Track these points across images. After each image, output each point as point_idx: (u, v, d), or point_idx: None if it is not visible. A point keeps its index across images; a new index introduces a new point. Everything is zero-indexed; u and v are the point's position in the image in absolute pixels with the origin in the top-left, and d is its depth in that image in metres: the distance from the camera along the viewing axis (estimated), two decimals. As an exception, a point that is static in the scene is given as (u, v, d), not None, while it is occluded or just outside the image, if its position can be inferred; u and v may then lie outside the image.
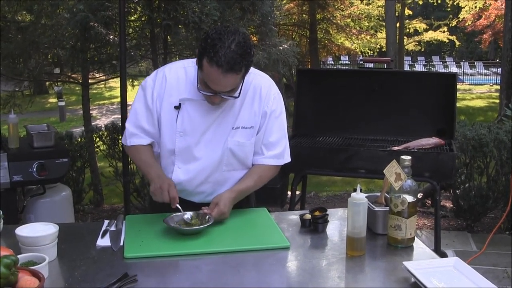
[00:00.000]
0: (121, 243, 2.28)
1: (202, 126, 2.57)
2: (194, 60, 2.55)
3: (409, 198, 2.22)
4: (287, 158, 2.75)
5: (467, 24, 28.20)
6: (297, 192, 4.62)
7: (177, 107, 2.57)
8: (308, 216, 2.48)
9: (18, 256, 1.82)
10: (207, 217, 2.42)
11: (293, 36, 20.16)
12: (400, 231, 2.23)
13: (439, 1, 29.35)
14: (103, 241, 2.31)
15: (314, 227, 2.45)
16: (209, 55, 2.29)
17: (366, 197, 2.20)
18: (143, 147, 2.66)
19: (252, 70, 2.64)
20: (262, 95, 2.64)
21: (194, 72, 2.56)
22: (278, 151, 2.70)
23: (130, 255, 2.14)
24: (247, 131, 2.62)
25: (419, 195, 5.64)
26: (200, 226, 2.36)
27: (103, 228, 2.44)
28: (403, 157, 2.26)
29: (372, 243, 2.30)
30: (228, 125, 2.59)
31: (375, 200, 2.49)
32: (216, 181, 2.66)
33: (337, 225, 2.56)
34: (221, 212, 2.46)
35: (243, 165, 2.69)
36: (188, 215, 2.47)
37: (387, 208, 2.31)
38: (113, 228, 2.43)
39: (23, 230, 2.11)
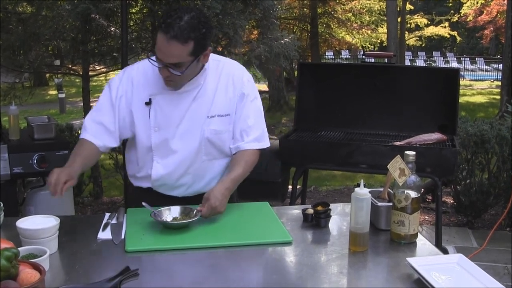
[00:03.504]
0: (122, 237, 2.27)
1: (176, 118, 2.56)
2: None
3: (413, 194, 2.21)
4: (267, 142, 2.75)
5: (468, 19, 28.16)
6: (298, 187, 4.61)
7: (148, 103, 2.55)
8: (311, 211, 2.47)
9: (19, 248, 1.80)
10: (195, 211, 2.39)
11: (294, 30, 20.12)
12: (403, 227, 2.22)
13: (440, -4, 29.34)
14: (104, 234, 2.29)
15: (317, 221, 2.43)
16: (160, 24, 2.33)
17: (369, 192, 2.19)
18: (87, 144, 2.60)
19: (222, 58, 2.68)
20: (235, 81, 2.64)
21: None
22: (258, 134, 2.70)
23: (131, 249, 2.13)
24: (223, 118, 2.62)
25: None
26: (187, 221, 2.33)
27: (104, 221, 2.43)
28: (407, 152, 2.25)
29: (375, 238, 2.29)
30: (202, 115, 2.58)
31: (378, 195, 2.47)
32: (196, 172, 2.66)
33: (337, 220, 2.55)
34: (212, 207, 2.39)
35: (222, 153, 2.69)
36: (175, 210, 2.44)
37: (391, 204, 2.30)
38: (114, 221, 2.42)
39: (24, 223, 2.10)
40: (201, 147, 2.61)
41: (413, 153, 2.25)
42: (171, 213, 2.42)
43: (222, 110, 2.61)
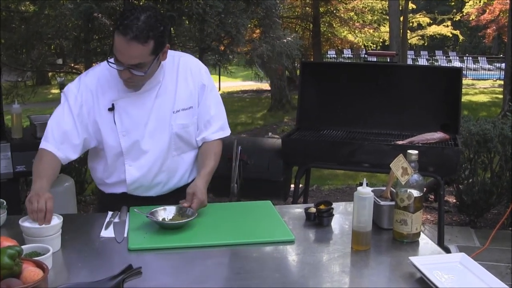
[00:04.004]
0: (125, 235, 2.27)
1: (142, 119, 2.55)
2: None
3: (415, 193, 2.21)
4: (228, 130, 2.80)
5: (471, 18, 28.09)
6: (300, 186, 4.61)
7: (111, 109, 2.53)
8: (313, 210, 2.47)
9: (22, 246, 1.81)
10: (190, 211, 2.39)
11: (296, 29, 20.09)
12: (406, 225, 2.22)
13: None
14: (107, 233, 2.30)
15: (319, 220, 2.43)
16: (117, 25, 2.30)
17: (371, 191, 2.19)
18: (48, 156, 2.49)
19: (175, 52, 2.68)
20: (193, 72, 2.66)
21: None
22: (221, 123, 2.75)
23: (134, 247, 2.14)
24: (187, 112, 2.63)
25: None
26: (183, 221, 2.32)
27: (107, 219, 2.43)
28: (409, 151, 2.25)
29: (378, 237, 2.29)
30: (167, 110, 2.58)
31: (380, 194, 2.47)
32: (169, 168, 2.66)
33: (340, 219, 2.55)
34: (201, 201, 2.43)
35: (189, 146, 2.71)
36: (170, 209, 2.43)
37: (393, 203, 2.30)
38: (117, 219, 2.42)
39: (27, 221, 2.10)
40: (171, 143, 2.62)
41: (416, 152, 2.25)
42: (166, 213, 2.41)
43: (185, 103, 2.62)
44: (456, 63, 30.61)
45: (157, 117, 2.57)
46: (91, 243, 2.20)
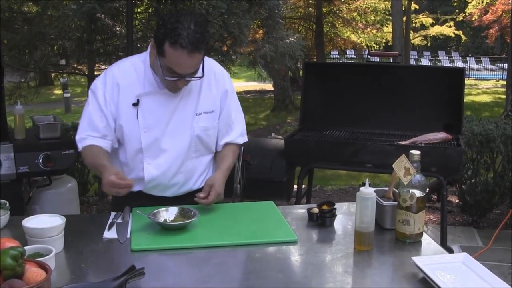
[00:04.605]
0: (128, 236, 2.27)
1: (165, 117, 2.57)
2: (140, 55, 2.62)
3: (418, 193, 2.21)
4: (246, 137, 2.85)
5: (473, 18, 28.01)
6: (303, 186, 4.61)
7: (136, 104, 2.54)
8: (316, 210, 2.47)
9: (25, 247, 1.81)
10: (192, 212, 2.39)
11: (299, 30, 20.11)
12: (408, 226, 2.22)
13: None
14: (110, 233, 2.30)
15: (322, 221, 2.43)
16: (172, 39, 2.30)
17: (374, 191, 2.19)
18: (94, 147, 2.57)
19: None
20: (217, 77, 2.69)
21: (142, 67, 2.57)
22: (242, 129, 2.80)
23: (137, 248, 2.14)
24: (209, 115, 2.65)
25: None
26: (185, 221, 2.32)
27: (110, 220, 2.43)
28: (412, 151, 2.25)
29: (380, 237, 2.29)
30: (191, 112, 2.61)
31: (383, 194, 2.47)
32: (188, 170, 2.68)
33: (343, 219, 2.54)
34: (218, 193, 2.49)
35: (208, 150, 2.74)
36: (173, 210, 2.43)
37: (396, 203, 2.29)
38: (119, 220, 2.42)
39: (30, 222, 2.10)
40: (191, 144, 2.63)
41: (418, 152, 2.25)
42: (169, 214, 2.41)
43: (208, 107, 2.64)
44: (459, 63, 30.63)
45: (179, 118, 2.59)
46: (94, 244, 2.20)
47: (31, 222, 2.10)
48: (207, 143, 2.69)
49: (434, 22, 30.67)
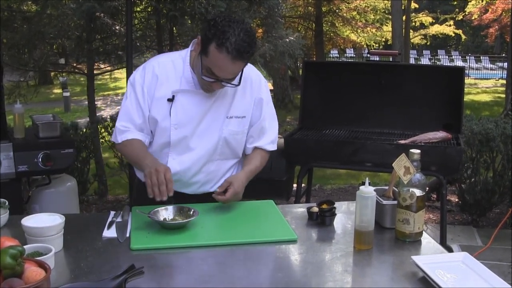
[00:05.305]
0: (127, 235, 2.27)
1: (197, 117, 2.59)
2: (181, 52, 2.64)
3: (418, 192, 2.21)
4: (276, 145, 2.85)
5: (473, 18, 27.99)
6: (303, 185, 4.61)
7: (171, 100, 2.56)
8: (316, 209, 2.47)
9: (24, 246, 1.81)
10: (192, 211, 2.39)
11: (299, 29, 20.08)
12: (408, 225, 2.22)
13: (445, -6, 29.23)
14: (109, 233, 2.29)
15: (322, 220, 2.43)
16: (219, 41, 2.31)
17: (374, 190, 2.19)
18: (136, 140, 2.63)
19: None
20: (253, 85, 2.69)
21: (181, 64, 2.60)
22: (273, 137, 2.81)
23: (136, 247, 2.13)
24: (239, 120, 2.66)
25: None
26: (184, 220, 2.33)
27: (109, 219, 2.43)
28: (412, 150, 2.25)
29: (380, 236, 2.29)
30: (222, 115, 2.62)
31: (383, 193, 2.47)
32: (210, 171, 2.69)
33: (342, 218, 2.54)
34: (236, 192, 2.49)
35: (234, 154, 2.75)
36: (172, 209, 2.43)
37: (395, 202, 2.29)
38: (119, 219, 2.42)
39: (29, 221, 2.10)
40: (217, 146, 2.65)
41: (418, 151, 2.25)
42: (168, 213, 2.41)
43: (239, 112, 2.66)
44: (459, 63, 30.63)
45: (211, 119, 2.61)
46: (93, 243, 2.19)
47: (31, 221, 2.09)
48: (233, 147, 2.70)
49: (434, 21, 30.65)
